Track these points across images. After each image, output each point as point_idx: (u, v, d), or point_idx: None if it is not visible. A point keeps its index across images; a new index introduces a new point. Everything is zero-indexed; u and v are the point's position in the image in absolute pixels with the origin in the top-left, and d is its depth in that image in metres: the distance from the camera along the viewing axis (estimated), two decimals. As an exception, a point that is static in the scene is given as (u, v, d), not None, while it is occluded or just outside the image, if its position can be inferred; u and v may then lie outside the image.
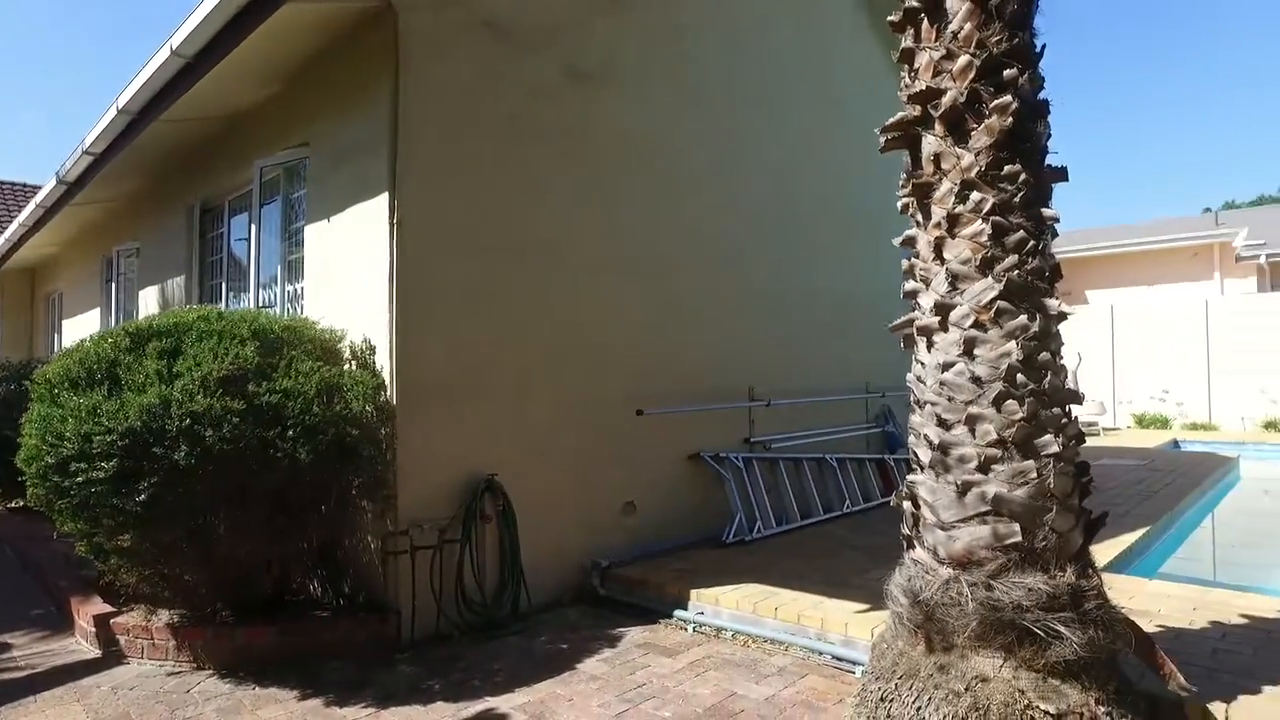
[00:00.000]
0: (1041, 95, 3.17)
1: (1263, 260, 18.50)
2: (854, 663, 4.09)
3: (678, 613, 5.04)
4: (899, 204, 3.37)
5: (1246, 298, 17.89)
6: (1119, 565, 5.48)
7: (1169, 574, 6.55)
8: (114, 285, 9.86)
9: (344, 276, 5.29)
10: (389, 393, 4.82)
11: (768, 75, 7.87)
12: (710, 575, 5.34)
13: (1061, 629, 2.81)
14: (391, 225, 4.86)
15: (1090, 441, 14.69)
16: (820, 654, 4.29)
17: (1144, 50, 58.98)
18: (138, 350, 4.24)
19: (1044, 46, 3.19)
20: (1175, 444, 14.55)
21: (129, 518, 3.89)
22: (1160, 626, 4.04)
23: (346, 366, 4.95)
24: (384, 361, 4.90)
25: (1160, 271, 21.52)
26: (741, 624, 4.71)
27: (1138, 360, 17.25)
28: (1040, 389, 2.93)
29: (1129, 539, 5.98)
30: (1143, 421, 16.98)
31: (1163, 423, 16.72)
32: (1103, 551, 5.60)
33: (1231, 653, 3.67)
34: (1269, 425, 15.46)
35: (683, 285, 6.67)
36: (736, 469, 6.79)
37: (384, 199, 4.90)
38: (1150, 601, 4.46)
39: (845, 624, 4.27)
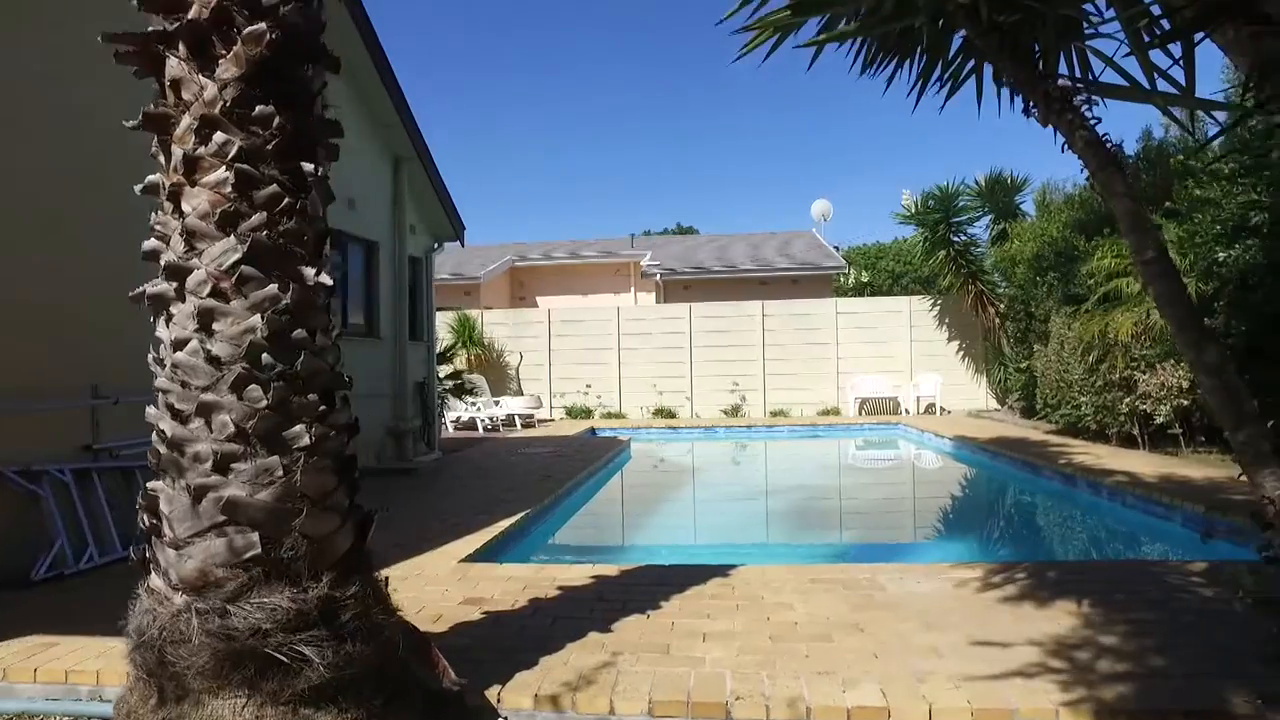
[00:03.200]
0: (320, 40, 2.78)
1: (659, 278, 22.49)
2: (133, 722, 3.26)
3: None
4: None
5: (644, 307, 21.53)
6: (489, 552, 5.59)
7: (555, 546, 7.08)
8: None
9: None
10: None
11: None
12: (-26, 634, 3.95)
13: (308, 651, 2.42)
14: None
15: (525, 433, 15.96)
16: (90, 719, 3.35)
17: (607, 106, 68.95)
18: None
19: (325, -16, 2.81)
20: (592, 431, 16.62)
21: None
22: (487, 612, 4.06)
23: None
24: None
25: (596, 283, 24.83)
26: (-14, 699, 3.50)
27: (571, 358, 19.43)
28: (293, 372, 2.51)
29: (503, 524, 6.22)
30: (572, 412, 19.15)
31: (587, 413, 19.08)
32: (471, 541, 5.69)
33: (534, 628, 3.81)
34: (658, 412, 18.76)
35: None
36: (61, 484, 5.34)
37: None
38: (492, 586, 4.53)
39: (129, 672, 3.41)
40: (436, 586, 4.54)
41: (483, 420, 16.42)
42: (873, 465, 14.02)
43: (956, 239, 17.29)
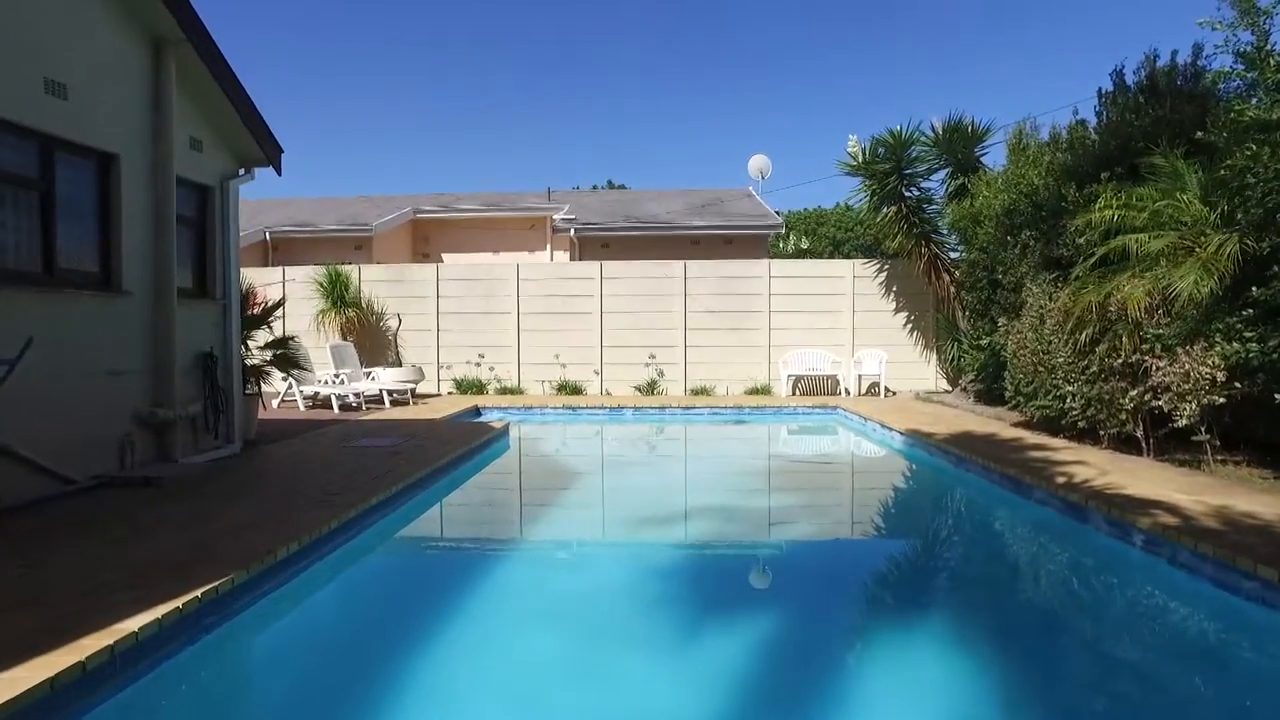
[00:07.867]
0: None
1: (573, 234, 19.59)
2: None
3: None
4: None
5: (548, 265, 18.70)
6: (49, 706, 2.82)
7: (224, 664, 4.17)
8: None
9: None
10: None
11: None
12: None
13: None
14: None
15: (394, 412, 12.95)
16: None
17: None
18: None
19: None
20: (477, 411, 13.82)
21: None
22: None
23: None
24: None
25: (509, 239, 21.79)
26: None
27: (463, 323, 16.50)
28: None
29: (133, 624, 3.42)
30: (462, 387, 16.26)
31: (479, 388, 16.21)
32: (47, 666, 2.87)
33: None
34: (562, 388, 16.00)
35: None
36: None
37: None
38: None
39: None
40: None
41: (342, 397, 13.43)
42: (803, 479, 10.22)
43: (909, 193, 14.82)
